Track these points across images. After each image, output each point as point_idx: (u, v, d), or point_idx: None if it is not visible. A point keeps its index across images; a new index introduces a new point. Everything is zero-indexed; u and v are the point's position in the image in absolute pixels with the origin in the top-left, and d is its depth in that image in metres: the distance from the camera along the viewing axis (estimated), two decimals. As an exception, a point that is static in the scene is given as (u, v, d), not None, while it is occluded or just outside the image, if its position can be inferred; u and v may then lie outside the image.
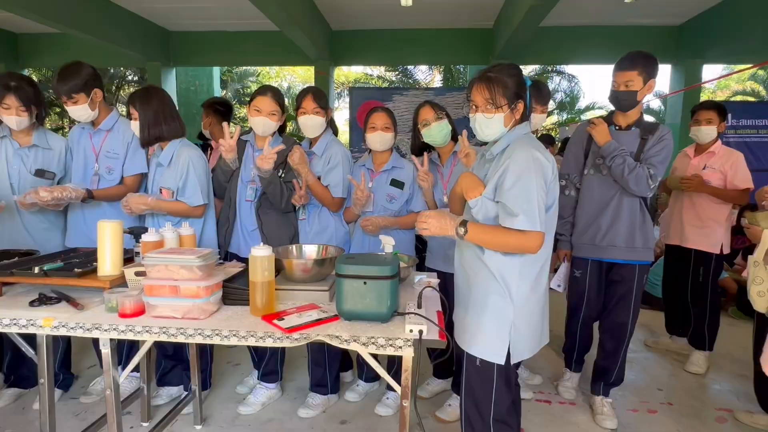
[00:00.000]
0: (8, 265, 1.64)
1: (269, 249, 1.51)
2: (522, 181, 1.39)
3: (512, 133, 1.49)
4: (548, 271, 1.55)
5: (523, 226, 1.38)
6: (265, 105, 2.15)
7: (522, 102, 1.48)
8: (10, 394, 2.31)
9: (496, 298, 1.48)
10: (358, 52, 6.67)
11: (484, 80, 1.47)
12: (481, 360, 1.51)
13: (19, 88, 2.03)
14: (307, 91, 2.28)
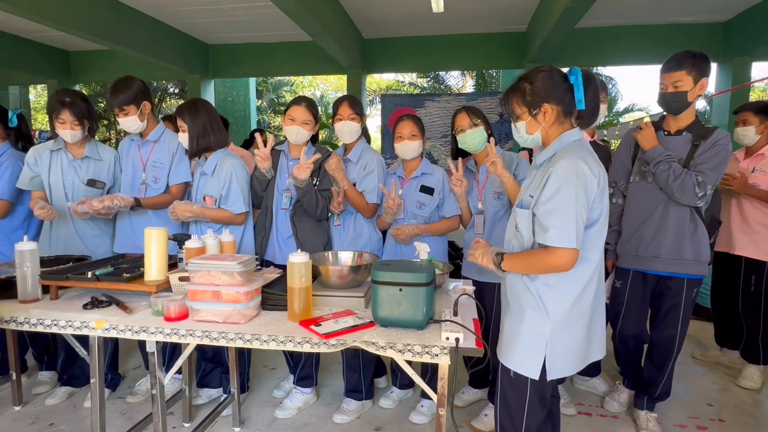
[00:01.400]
0: (63, 270, 1.75)
1: (306, 255, 1.54)
2: (560, 194, 1.32)
3: (561, 140, 1.42)
4: (598, 286, 1.47)
5: (553, 242, 1.32)
6: (298, 114, 2.20)
7: (550, 104, 1.40)
8: (63, 392, 2.44)
9: (532, 313, 1.43)
10: (389, 60, 6.71)
11: (508, 89, 1.48)
12: (515, 372, 1.47)
13: (73, 103, 2.16)
14: (344, 98, 2.33)
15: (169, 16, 5.77)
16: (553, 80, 1.40)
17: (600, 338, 1.53)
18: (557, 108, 1.41)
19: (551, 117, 1.42)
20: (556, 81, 1.40)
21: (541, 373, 1.42)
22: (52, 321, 1.55)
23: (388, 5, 5.40)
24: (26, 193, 2.34)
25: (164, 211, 2.30)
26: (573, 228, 1.31)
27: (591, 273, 1.42)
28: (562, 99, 1.40)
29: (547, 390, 1.50)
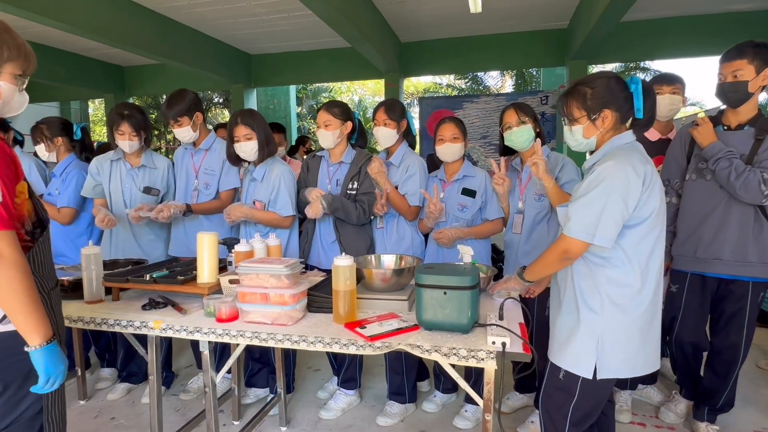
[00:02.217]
0: (124, 272, 1.85)
1: (351, 259, 1.56)
2: (595, 190, 1.34)
3: (612, 142, 1.44)
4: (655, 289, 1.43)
5: (571, 233, 1.36)
6: (320, 118, 2.27)
7: (609, 110, 1.41)
8: (123, 388, 2.59)
9: (585, 311, 1.42)
10: (427, 62, 6.71)
11: (568, 92, 1.48)
12: (565, 372, 1.45)
13: (131, 116, 2.30)
14: (380, 104, 2.36)
15: (214, 29, 6.03)
16: (615, 87, 1.41)
17: (656, 346, 1.48)
18: (616, 114, 1.42)
19: (609, 123, 1.43)
20: (616, 88, 1.41)
21: (594, 372, 1.40)
22: (115, 321, 1.64)
23: (425, 8, 5.41)
24: (89, 200, 2.50)
25: (215, 216, 2.40)
26: (595, 223, 1.32)
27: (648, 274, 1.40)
28: (621, 106, 1.42)
29: (599, 391, 1.46)
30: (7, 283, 1.06)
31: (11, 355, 1.14)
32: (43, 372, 1.12)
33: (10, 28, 1.18)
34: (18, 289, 1.07)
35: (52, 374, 1.13)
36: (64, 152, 2.53)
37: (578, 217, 1.36)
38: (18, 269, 1.07)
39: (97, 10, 4.56)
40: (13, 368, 1.15)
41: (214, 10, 5.38)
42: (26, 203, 1.20)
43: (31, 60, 1.22)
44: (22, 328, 1.11)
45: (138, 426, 2.29)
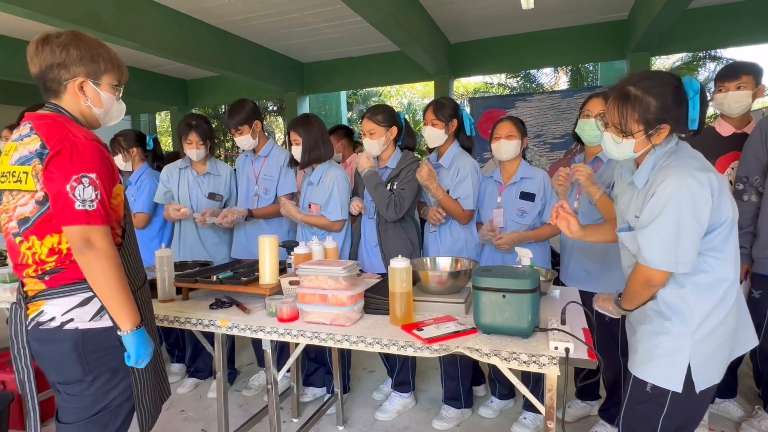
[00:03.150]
0: (193, 273, 1.97)
1: (407, 261, 1.57)
2: (664, 216, 1.22)
3: (656, 154, 1.30)
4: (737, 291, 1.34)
5: (656, 266, 1.26)
6: (364, 126, 2.30)
7: (669, 124, 1.26)
8: (191, 382, 2.75)
9: (672, 321, 1.32)
10: (477, 62, 6.61)
11: (620, 97, 1.28)
12: (652, 386, 1.34)
13: (198, 126, 2.45)
14: (430, 104, 2.36)
15: (268, 40, 6.27)
16: (679, 96, 1.25)
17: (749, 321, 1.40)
18: (672, 127, 1.28)
19: (663, 136, 1.28)
20: (680, 98, 1.25)
21: (685, 384, 1.30)
22: (186, 319, 1.75)
23: (475, 7, 5.33)
24: (160, 206, 2.68)
25: (275, 220, 2.50)
26: (674, 250, 1.23)
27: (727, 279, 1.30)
28: (680, 118, 1.27)
29: (694, 404, 1.35)
30: (103, 274, 1.18)
31: (102, 348, 1.26)
32: (134, 353, 1.25)
33: (103, 43, 1.32)
34: (112, 279, 1.19)
35: (141, 355, 1.27)
36: (139, 162, 2.73)
37: (653, 247, 1.25)
38: (112, 261, 1.19)
39: (164, 28, 4.89)
40: (104, 360, 1.26)
41: (269, 22, 5.59)
42: (122, 205, 1.32)
43: (123, 70, 1.37)
44: (115, 314, 1.22)
45: (205, 419, 2.42)
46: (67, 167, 1.15)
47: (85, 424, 1.27)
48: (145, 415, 1.36)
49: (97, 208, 1.17)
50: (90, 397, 1.26)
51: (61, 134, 1.18)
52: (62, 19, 3.89)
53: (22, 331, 1.25)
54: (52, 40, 1.24)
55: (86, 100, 1.28)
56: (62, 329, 1.22)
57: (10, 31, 5.64)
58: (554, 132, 6.12)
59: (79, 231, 1.15)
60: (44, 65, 1.24)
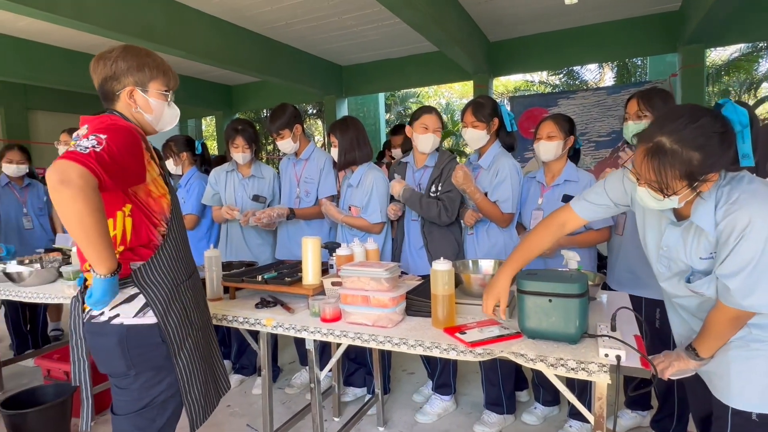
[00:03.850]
0: (239, 273, 2.04)
1: (449, 263, 1.56)
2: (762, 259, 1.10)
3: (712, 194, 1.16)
4: None
5: (748, 308, 1.16)
6: (432, 122, 2.28)
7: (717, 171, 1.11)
8: (236, 379, 2.84)
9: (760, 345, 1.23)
10: (518, 61, 6.48)
11: (653, 153, 1.11)
12: (758, 414, 1.23)
13: (244, 130, 2.53)
14: (469, 104, 2.32)
15: (308, 45, 6.40)
16: (726, 139, 1.09)
17: None
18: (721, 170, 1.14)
19: (713, 182, 1.14)
20: (728, 139, 1.09)
21: None
22: (233, 317, 1.81)
23: (516, 4, 5.23)
24: (208, 208, 2.79)
25: (316, 222, 2.55)
26: None
27: None
28: (730, 158, 1.11)
29: None
30: (76, 214, 1.06)
31: (145, 345, 1.28)
32: (97, 295, 1.17)
33: (150, 52, 1.38)
34: (87, 222, 1.08)
35: (99, 300, 1.18)
36: (188, 165, 2.86)
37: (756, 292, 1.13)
38: (89, 204, 1.07)
39: (211, 37, 5.10)
40: (146, 357, 1.29)
41: (309, 27, 5.71)
42: (165, 198, 1.36)
43: (170, 76, 1.42)
44: (90, 257, 1.14)
45: (250, 414, 2.50)
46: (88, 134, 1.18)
47: (134, 417, 1.31)
48: (196, 410, 1.38)
49: (89, 153, 1.09)
50: (136, 391, 1.30)
51: (102, 120, 1.26)
52: (120, 33, 4.14)
53: (79, 324, 1.31)
54: (105, 55, 1.33)
55: (136, 107, 1.35)
56: (109, 324, 1.27)
57: (75, 45, 6.06)
58: (599, 130, 5.90)
59: (57, 165, 1.06)
60: (100, 79, 1.34)
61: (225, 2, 4.87)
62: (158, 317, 1.29)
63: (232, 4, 4.92)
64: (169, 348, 1.31)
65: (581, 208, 1.49)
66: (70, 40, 5.84)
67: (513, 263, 1.51)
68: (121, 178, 1.19)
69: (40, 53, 5.88)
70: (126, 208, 1.26)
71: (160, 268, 1.31)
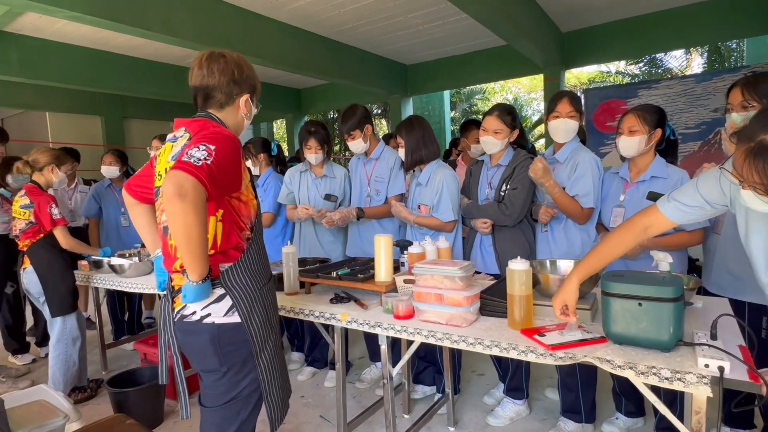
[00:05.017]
0: (314, 269, 2.11)
1: (527, 263, 1.51)
2: None
3: None
4: None
5: None
6: (489, 124, 2.23)
7: None
8: (309, 371, 2.95)
9: None
10: (592, 51, 6.12)
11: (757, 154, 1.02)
12: None
13: (317, 132, 2.62)
14: (564, 94, 2.22)
15: (374, 45, 6.48)
16: None
17: None
18: None
19: None
20: None
21: None
22: (309, 311, 1.88)
23: (591, -9, 4.95)
24: (283, 206, 2.92)
25: (386, 220, 2.58)
26: None
27: None
28: None
29: None
30: (186, 226, 1.14)
31: (235, 342, 1.34)
32: (189, 298, 1.27)
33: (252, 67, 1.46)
34: (194, 233, 1.15)
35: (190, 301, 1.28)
36: (265, 166, 3.01)
37: None
38: (198, 217, 1.14)
39: (283, 43, 5.34)
40: (235, 353, 1.35)
41: (375, 27, 5.78)
42: (252, 203, 1.43)
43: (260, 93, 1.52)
44: (187, 265, 1.21)
45: (323, 406, 2.58)
46: (196, 141, 1.25)
47: (220, 410, 1.37)
48: (274, 410, 1.43)
49: (201, 166, 1.15)
50: (224, 386, 1.36)
51: (204, 126, 1.33)
52: (202, 43, 4.44)
53: (170, 322, 1.36)
54: (228, 57, 1.39)
55: (246, 112, 1.44)
56: (202, 323, 1.32)
57: (163, 58, 6.60)
58: (687, 121, 5.43)
59: (174, 176, 1.12)
60: (223, 80, 1.37)
61: (296, 9, 5.06)
62: (242, 318, 1.33)
63: (303, 10, 5.10)
64: (252, 347, 1.36)
65: (670, 209, 1.36)
66: (159, 53, 6.38)
67: (585, 267, 1.44)
68: (223, 188, 1.26)
69: (134, 66, 6.47)
70: (218, 213, 1.32)
71: (244, 271, 1.36)
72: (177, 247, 1.23)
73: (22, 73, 5.50)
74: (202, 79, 1.37)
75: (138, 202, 1.56)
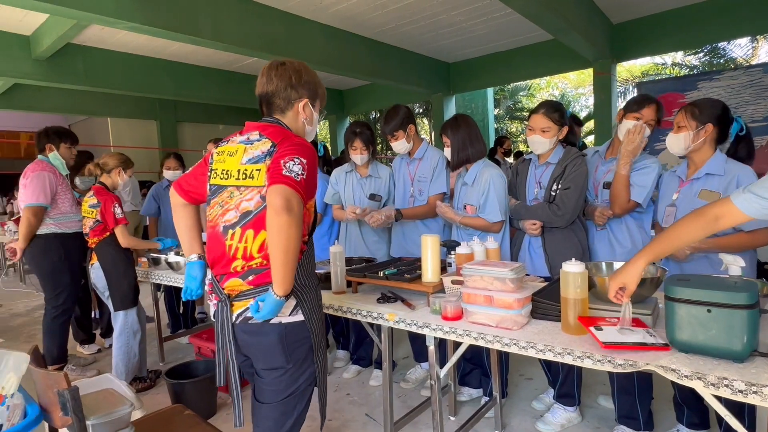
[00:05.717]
0: (361, 269, 2.13)
1: (582, 265, 1.46)
2: None
3: None
4: None
5: None
6: (536, 122, 2.16)
7: None
8: (354, 369, 2.98)
9: None
10: (646, 42, 5.81)
11: None
12: None
13: (362, 132, 2.64)
14: (650, 100, 2.14)
15: (416, 44, 6.46)
16: None
17: None
18: None
19: None
20: None
21: None
22: (357, 310, 1.90)
23: (646, -21, 4.71)
24: (329, 206, 2.96)
25: (431, 220, 2.57)
26: None
27: None
28: None
29: None
30: (288, 240, 1.22)
31: (298, 339, 1.41)
32: (266, 312, 1.30)
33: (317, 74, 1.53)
34: (292, 247, 1.23)
35: (266, 317, 1.32)
36: (312, 167, 3.06)
37: None
38: (298, 232, 1.23)
39: (327, 45, 5.43)
40: (299, 350, 1.41)
41: (418, 26, 5.76)
42: (312, 208, 1.48)
43: (325, 99, 1.57)
44: (277, 278, 1.26)
45: (368, 404, 2.60)
46: (286, 151, 1.32)
47: (278, 405, 1.42)
48: (325, 405, 1.50)
49: (300, 182, 1.25)
50: (284, 382, 1.41)
51: (286, 136, 1.39)
52: (249, 48, 4.59)
53: (228, 326, 1.39)
54: (287, 64, 1.46)
55: (305, 117, 1.49)
56: (269, 324, 1.36)
57: (213, 63, 6.89)
58: (753, 114, 5.07)
59: (283, 191, 1.21)
60: (276, 86, 1.44)
61: (338, 11, 5.13)
62: (305, 316, 1.40)
63: (345, 12, 5.16)
64: (312, 344, 1.43)
65: (744, 201, 1.25)
66: (209, 59, 6.65)
67: (654, 250, 1.35)
68: (309, 198, 1.35)
69: (186, 72, 6.78)
70: None
71: (305, 272, 1.42)
72: (273, 260, 1.27)
73: (87, 82, 5.89)
74: (263, 86, 1.46)
75: (186, 203, 1.59)
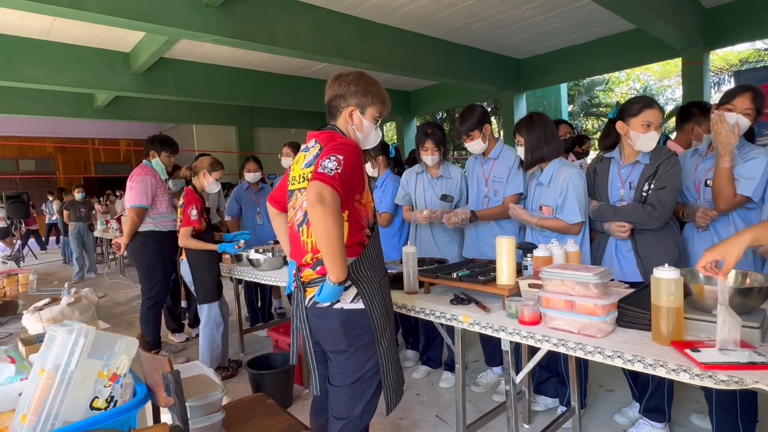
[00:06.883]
0: (434, 269, 2.13)
1: (677, 271, 1.35)
2: None
3: None
4: None
5: None
6: (655, 117, 2.00)
7: None
8: (423, 369, 2.98)
9: None
10: (744, 26, 5.24)
11: None
12: None
13: (433, 133, 2.64)
14: (744, 89, 1.98)
15: (486, 42, 6.32)
16: None
17: None
18: None
19: None
20: None
21: None
22: (430, 311, 1.90)
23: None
24: (400, 207, 2.99)
25: (505, 222, 2.51)
26: None
27: None
28: None
29: None
30: (326, 229, 1.32)
31: (360, 326, 1.51)
32: (325, 297, 1.44)
33: (376, 81, 1.63)
34: (333, 235, 1.33)
35: (326, 300, 1.46)
36: (383, 168, 3.11)
37: None
38: (336, 220, 1.32)
39: (395, 48, 5.49)
40: (361, 337, 1.52)
41: (487, 24, 5.64)
42: (370, 205, 1.60)
43: (387, 105, 1.66)
44: (328, 265, 1.38)
45: (438, 406, 2.59)
46: (327, 152, 1.43)
47: (348, 389, 1.54)
48: (390, 394, 1.57)
49: (334, 176, 1.34)
50: (351, 366, 1.53)
51: (331, 138, 1.53)
52: (321, 54, 4.76)
53: (302, 309, 1.56)
54: (342, 77, 1.60)
55: (352, 124, 1.60)
56: (332, 308, 1.50)
57: (286, 70, 7.23)
58: None
59: (315, 185, 1.33)
60: (331, 95, 1.61)
61: (407, 13, 5.16)
62: (366, 305, 1.50)
63: (413, 13, 5.18)
64: (374, 333, 1.52)
65: None
66: (282, 66, 6.98)
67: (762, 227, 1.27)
68: (350, 191, 1.44)
69: (262, 80, 7.17)
70: (345, 214, 1.49)
71: (366, 264, 1.53)
72: (320, 249, 1.40)
73: (176, 92, 6.44)
74: (326, 95, 1.62)
75: (279, 212, 1.82)
